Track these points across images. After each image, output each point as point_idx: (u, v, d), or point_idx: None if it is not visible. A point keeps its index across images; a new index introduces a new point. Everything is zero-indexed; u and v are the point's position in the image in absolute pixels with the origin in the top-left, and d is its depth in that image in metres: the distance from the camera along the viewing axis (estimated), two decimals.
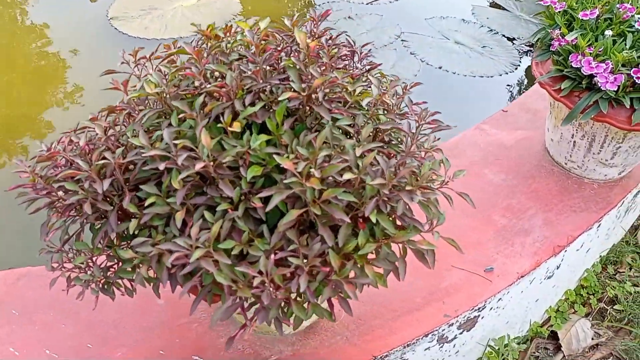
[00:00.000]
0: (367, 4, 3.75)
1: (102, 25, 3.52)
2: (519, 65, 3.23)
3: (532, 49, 3.36)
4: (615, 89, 1.40)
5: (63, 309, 1.35)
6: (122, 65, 1.00)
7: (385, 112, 0.96)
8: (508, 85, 3.13)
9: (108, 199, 0.89)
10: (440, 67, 3.21)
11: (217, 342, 1.28)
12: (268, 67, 0.91)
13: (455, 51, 3.36)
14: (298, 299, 0.84)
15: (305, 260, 0.79)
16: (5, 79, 3.03)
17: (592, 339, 1.73)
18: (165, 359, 1.26)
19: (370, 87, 0.95)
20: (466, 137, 1.90)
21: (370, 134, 0.97)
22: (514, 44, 3.40)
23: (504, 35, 3.47)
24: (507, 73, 3.18)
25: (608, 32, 1.47)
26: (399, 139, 1.01)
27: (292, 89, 0.86)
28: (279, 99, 0.84)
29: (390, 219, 0.90)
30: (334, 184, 0.83)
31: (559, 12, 1.57)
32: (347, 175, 0.80)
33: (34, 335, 1.29)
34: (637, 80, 1.36)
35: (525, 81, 3.18)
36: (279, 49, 0.94)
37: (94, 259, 0.93)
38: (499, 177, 1.73)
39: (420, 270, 1.44)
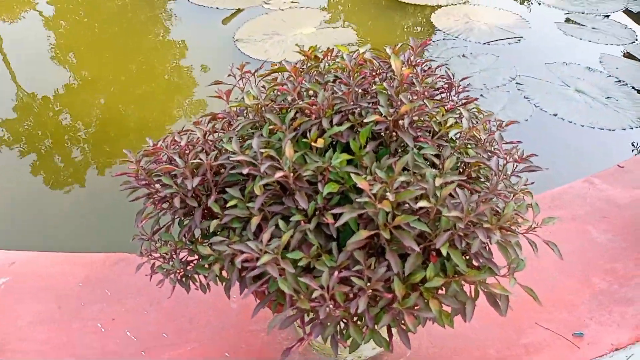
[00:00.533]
0: (484, 43, 3.68)
1: (229, 45, 3.81)
2: None
3: None
4: None
5: (150, 296, 1.46)
6: (230, 78, 1.08)
7: (475, 147, 0.93)
8: (632, 141, 2.87)
9: (197, 197, 0.95)
10: (555, 115, 3.03)
11: (279, 355, 1.30)
12: (360, 91, 0.94)
13: (575, 99, 3.16)
14: (358, 322, 0.83)
15: (368, 283, 0.79)
16: (145, 88, 3.38)
17: None
18: None
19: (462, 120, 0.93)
20: (573, 188, 1.77)
21: (457, 167, 0.94)
22: None
23: (633, 88, 3.21)
24: (632, 128, 2.92)
25: None
26: (487, 177, 0.98)
27: (380, 113, 0.87)
28: (365, 120, 0.85)
29: (465, 258, 0.87)
30: (410, 212, 0.82)
31: None
32: (422, 203, 0.79)
33: (120, 316, 1.41)
34: None
35: None
36: (374, 74, 0.96)
37: (177, 251, 0.99)
38: (604, 237, 1.59)
39: (499, 321, 1.36)
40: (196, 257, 1.01)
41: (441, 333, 1.35)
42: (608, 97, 3.17)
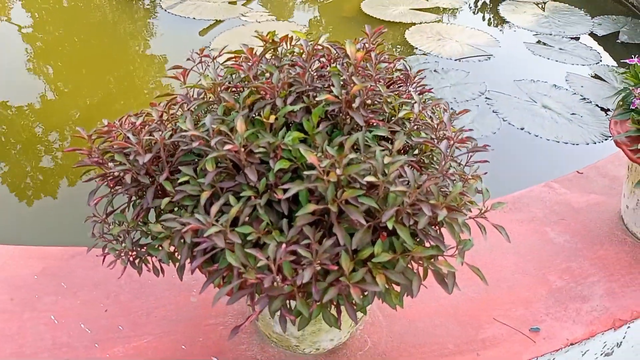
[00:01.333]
0: (455, 60, 3.78)
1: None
2: (610, 137, 3.05)
3: None
4: None
5: (106, 290, 1.43)
6: (190, 63, 1.09)
7: (425, 129, 0.95)
8: (594, 155, 2.95)
9: (150, 176, 0.95)
10: (522, 129, 3.12)
11: (238, 347, 1.28)
12: (315, 74, 0.95)
13: (541, 115, 3.25)
14: (305, 295, 0.83)
15: (315, 255, 0.79)
16: (123, 102, 3.37)
17: None
18: (186, 354, 1.28)
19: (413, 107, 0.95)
20: (533, 192, 1.81)
21: (410, 153, 0.96)
22: (607, 114, 3.23)
23: (597, 105, 3.32)
24: (594, 142, 3.02)
25: None
26: (440, 164, 1.00)
27: (332, 93, 0.89)
28: (317, 99, 0.87)
29: (416, 240, 0.88)
30: (358, 186, 0.83)
31: None
32: (369, 178, 0.80)
33: (75, 308, 1.37)
34: None
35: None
36: (330, 59, 0.98)
37: (129, 232, 0.98)
38: (561, 238, 1.62)
39: (458, 319, 1.37)
40: (150, 240, 1.00)
41: (401, 329, 1.35)
42: (573, 114, 3.27)
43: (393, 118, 0.97)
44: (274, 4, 4.74)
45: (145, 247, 1.00)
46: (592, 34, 4.26)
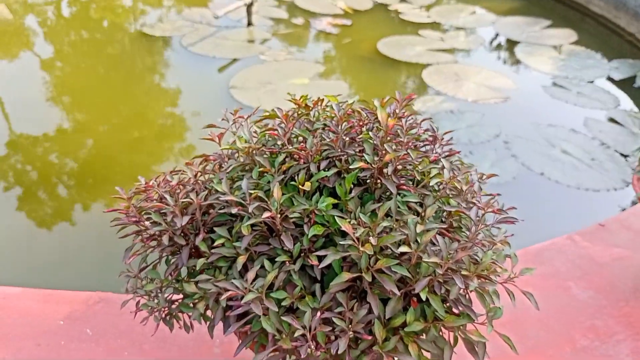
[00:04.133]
0: (471, 101, 3.82)
1: (223, 91, 3.92)
2: (631, 183, 3.04)
3: None
4: None
5: (131, 338, 1.44)
6: (223, 122, 1.13)
7: (456, 196, 0.97)
8: (616, 202, 2.94)
9: (185, 236, 0.97)
10: (542, 174, 3.11)
11: None
12: (347, 139, 0.98)
13: (560, 160, 3.25)
14: None
15: (349, 324, 0.80)
16: (137, 134, 3.45)
17: None
18: None
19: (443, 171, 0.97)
20: (555, 245, 1.80)
21: (438, 216, 0.98)
22: (627, 160, 3.23)
23: (616, 151, 3.32)
24: (615, 189, 3.00)
25: None
26: (468, 228, 1.01)
27: (365, 160, 0.91)
28: (351, 167, 0.89)
29: (446, 306, 0.89)
30: (392, 255, 0.85)
31: None
32: (403, 248, 0.82)
33: (99, 357, 1.38)
34: None
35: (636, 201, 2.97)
36: (361, 123, 1.01)
37: (162, 289, 1.00)
38: (585, 294, 1.61)
39: None
40: (181, 296, 1.02)
41: None
42: (593, 159, 3.27)
43: (423, 180, 0.99)
44: (292, 42, 4.85)
45: (177, 305, 1.01)
46: (609, 78, 4.28)
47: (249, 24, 5.02)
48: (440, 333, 0.87)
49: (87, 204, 2.82)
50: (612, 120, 3.70)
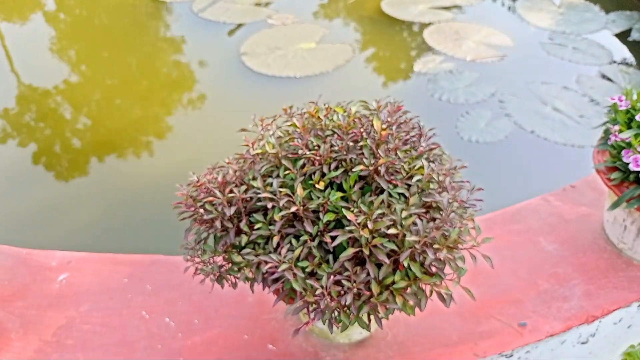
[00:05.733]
0: (469, 60, 4.03)
1: (234, 57, 4.15)
2: None
3: None
4: None
5: (181, 292, 1.81)
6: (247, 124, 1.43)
7: (435, 182, 1.28)
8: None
9: (231, 220, 1.31)
10: (532, 132, 3.38)
11: (288, 337, 1.66)
12: (351, 143, 1.29)
13: (551, 117, 3.51)
14: (347, 311, 1.19)
15: (353, 284, 1.15)
16: (145, 84, 3.74)
17: None
18: (248, 342, 1.66)
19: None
20: (530, 205, 2.12)
21: (420, 199, 1.30)
22: None
23: (605, 107, 3.56)
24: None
25: None
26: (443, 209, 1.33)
27: (364, 163, 1.22)
28: (353, 170, 1.21)
29: (423, 268, 1.23)
30: (384, 235, 1.18)
31: (622, 110, 1.78)
32: (391, 230, 1.14)
33: (160, 306, 1.76)
34: None
35: None
36: (362, 130, 1.31)
37: (214, 258, 1.35)
38: (552, 246, 1.94)
39: (461, 314, 1.72)
40: (228, 263, 1.37)
41: (416, 324, 1.71)
42: (581, 116, 3.52)
43: (409, 174, 1.30)
44: (296, 5, 5.00)
45: (225, 269, 1.36)
46: (606, 31, 4.42)
47: None
48: (420, 288, 1.21)
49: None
50: (604, 76, 3.91)
